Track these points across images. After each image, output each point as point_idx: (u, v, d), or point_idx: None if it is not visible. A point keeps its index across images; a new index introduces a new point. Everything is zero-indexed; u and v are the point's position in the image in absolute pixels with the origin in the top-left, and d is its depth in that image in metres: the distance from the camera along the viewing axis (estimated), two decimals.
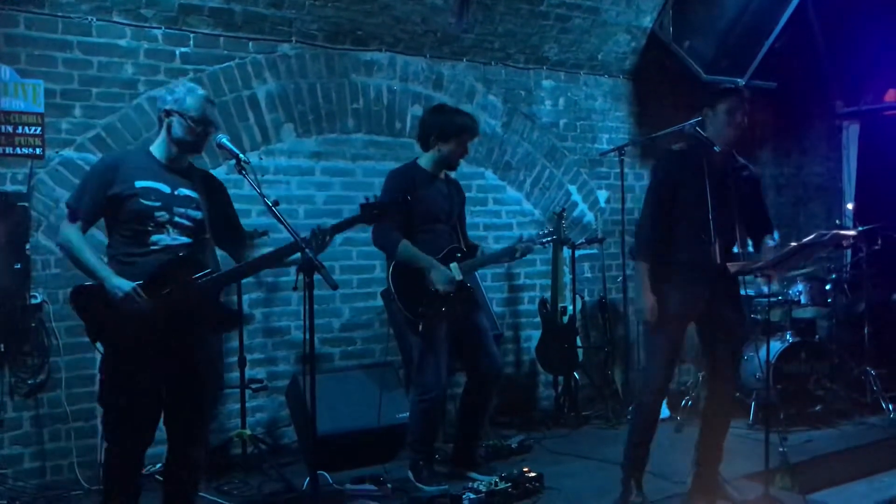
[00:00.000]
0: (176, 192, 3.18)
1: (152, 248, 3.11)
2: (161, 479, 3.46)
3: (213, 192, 3.32)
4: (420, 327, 4.06)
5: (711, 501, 3.81)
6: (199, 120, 3.14)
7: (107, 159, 3.34)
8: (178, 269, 3.09)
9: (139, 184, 3.10)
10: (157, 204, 3.12)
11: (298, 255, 3.07)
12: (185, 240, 3.17)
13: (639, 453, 3.83)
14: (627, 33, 6.13)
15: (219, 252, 3.34)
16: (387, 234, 4.08)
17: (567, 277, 5.73)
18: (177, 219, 3.15)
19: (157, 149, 3.22)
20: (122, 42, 4.51)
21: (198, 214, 3.21)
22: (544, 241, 4.44)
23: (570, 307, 5.63)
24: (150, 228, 3.11)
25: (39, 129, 4.29)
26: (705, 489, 3.82)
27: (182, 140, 3.17)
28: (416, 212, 4.11)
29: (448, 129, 4.15)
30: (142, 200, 3.09)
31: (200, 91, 3.23)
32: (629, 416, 4.29)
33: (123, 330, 3.02)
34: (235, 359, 4.59)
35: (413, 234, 4.11)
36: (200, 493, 4.03)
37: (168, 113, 3.16)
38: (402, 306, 4.07)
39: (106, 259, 3.17)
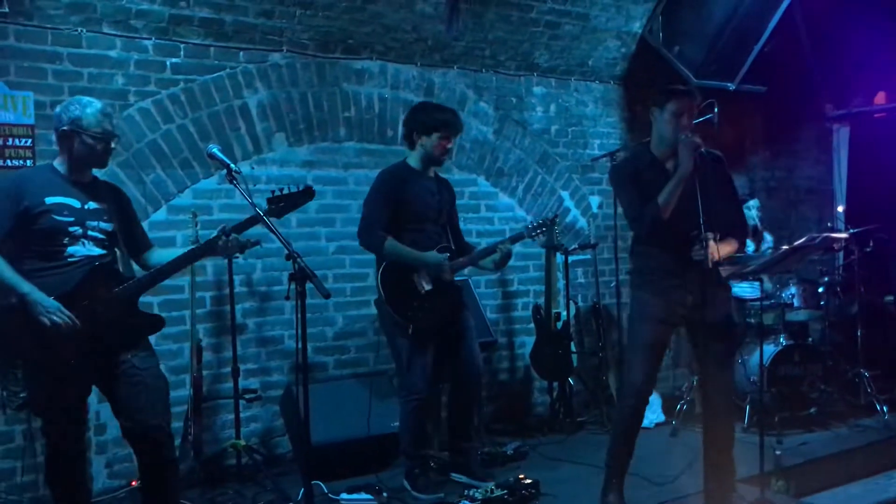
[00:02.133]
0: (86, 206, 3.20)
1: (69, 259, 3.14)
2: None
3: (120, 204, 3.38)
4: (410, 330, 4.06)
5: None
6: (99, 136, 3.16)
7: (11, 176, 3.31)
8: (95, 280, 3.13)
9: (50, 200, 3.12)
10: (70, 219, 3.14)
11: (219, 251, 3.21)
12: (99, 251, 3.21)
13: (621, 457, 3.80)
14: (617, 39, 6.14)
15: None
16: (372, 233, 4.09)
17: (560, 283, 5.74)
18: (90, 232, 3.19)
19: (60, 165, 3.23)
20: (113, 53, 4.51)
21: (109, 226, 3.26)
22: (535, 233, 4.42)
23: (564, 313, 5.63)
24: (64, 242, 3.14)
25: (30, 140, 4.28)
26: (718, 495, 3.75)
27: (86, 157, 3.19)
28: (405, 211, 4.12)
29: (428, 123, 4.18)
30: (54, 217, 3.11)
31: (97, 104, 3.22)
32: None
33: (44, 345, 3.04)
34: (229, 369, 4.58)
35: (401, 233, 4.12)
36: None
37: (66, 133, 3.16)
38: (392, 309, 4.07)
39: None
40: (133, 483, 4.37)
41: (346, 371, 5.18)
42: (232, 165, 3.16)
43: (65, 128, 3.16)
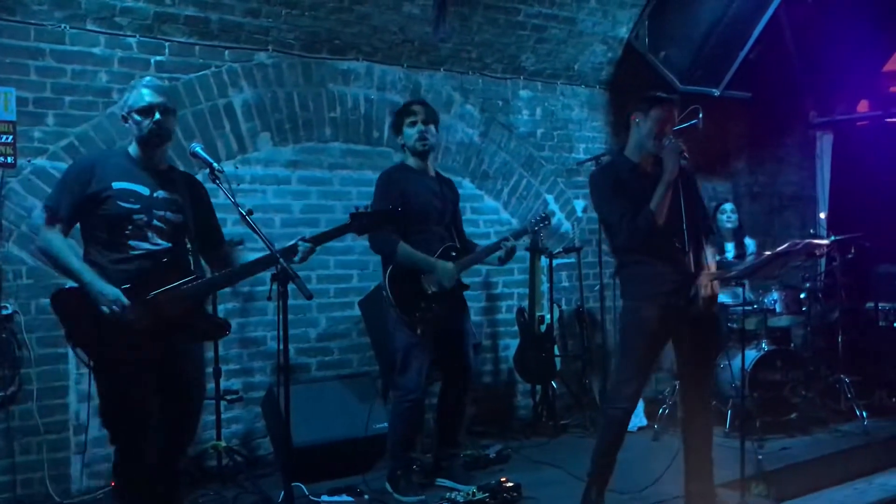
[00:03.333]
0: (155, 195, 3.10)
1: (132, 252, 3.03)
2: None
3: (196, 196, 3.25)
4: (418, 330, 4.04)
5: None
6: (145, 109, 3.07)
7: (84, 159, 3.25)
8: (161, 273, 3.01)
9: (116, 185, 3.03)
10: (136, 206, 3.04)
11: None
12: (165, 244, 3.09)
13: (606, 462, 3.79)
14: (604, 44, 6.16)
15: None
16: (385, 237, 4.07)
17: (544, 286, 5.74)
18: (156, 222, 3.08)
19: (133, 150, 3.16)
20: (96, 50, 4.47)
21: (178, 218, 3.14)
22: (537, 227, 4.49)
23: (548, 316, 5.63)
24: (127, 232, 3.03)
25: (11, 137, 4.24)
26: (699, 500, 3.77)
27: (142, 138, 3.10)
28: (410, 212, 4.09)
29: (395, 118, 4.28)
30: (119, 202, 3.01)
31: (144, 80, 3.17)
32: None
33: (108, 337, 2.93)
34: (210, 370, 4.54)
35: (407, 235, 4.11)
36: None
37: (125, 118, 3.13)
38: (400, 310, 4.06)
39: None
40: (112, 483, 4.32)
41: (329, 372, 5.16)
42: (215, 164, 3.11)
43: (123, 112, 3.13)
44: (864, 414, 5.39)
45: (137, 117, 3.07)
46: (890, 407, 5.73)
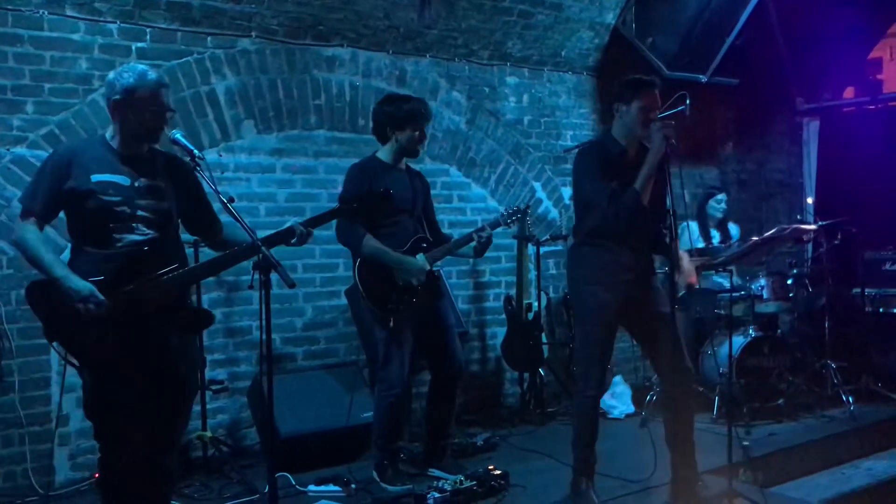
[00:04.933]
0: (136, 184, 2.99)
1: (119, 245, 2.94)
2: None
3: (179, 178, 3.12)
4: (391, 323, 4.01)
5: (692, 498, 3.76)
6: (154, 108, 2.95)
7: (60, 152, 3.07)
8: (140, 264, 2.92)
9: (95, 178, 2.93)
10: (117, 199, 2.94)
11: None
12: (152, 233, 3.00)
13: (588, 451, 3.79)
14: (591, 30, 6.13)
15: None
16: (351, 229, 4.02)
17: (532, 274, 5.73)
18: (140, 212, 2.98)
19: (112, 138, 3.02)
20: (76, 37, 4.40)
21: (163, 205, 3.04)
22: (510, 220, 4.42)
23: (535, 304, 5.62)
24: (112, 225, 2.94)
25: None
26: (684, 486, 3.77)
27: (136, 131, 2.99)
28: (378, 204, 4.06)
29: (400, 116, 4.10)
30: (100, 196, 2.91)
31: (153, 74, 3.00)
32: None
33: (84, 332, 2.86)
34: None
35: (376, 227, 4.07)
36: None
37: (118, 104, 2.96)
38: (371, 303, 4.03)
39: (69, 259, 3.00)
40: (97, 475, 4.29)
41: (315, 362, 5.13)
42: (196, 151, 3.01)
43: (116, 97, 2.94)
44: (851, 399, 5.41)
45: (142, 112, 2.94)
46: (876, 392, 5.75)
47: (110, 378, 2.93)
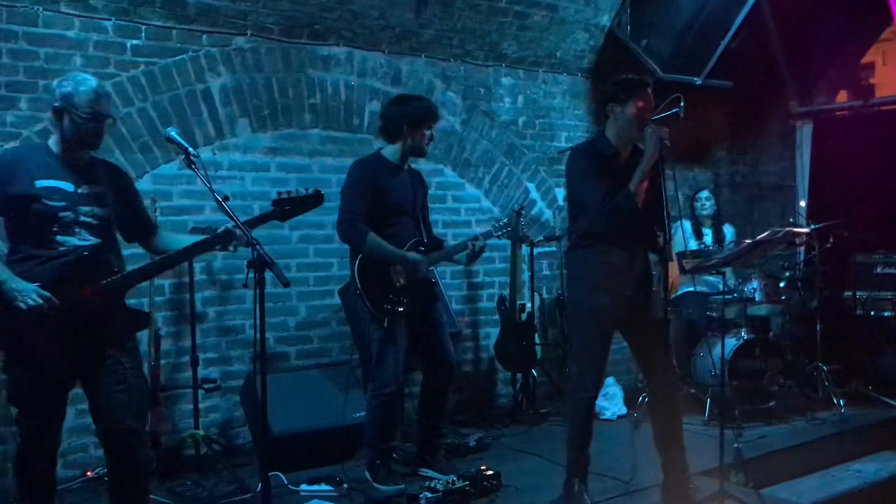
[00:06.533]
0: (79, 191, 3.06)
1: (60, 249, 3.00)
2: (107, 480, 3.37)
3: (119, 186, 3.21)
4: (385, 322, 4.02)
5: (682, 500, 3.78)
6: (89, 116, 3.00)
7: (4, 158, 3.15)
8: (80, 270, 2.99)
9: (40, 183, 2.98)
10: (62, 204, 3.00)
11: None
12: (93, 239, 3.07)
13: (582, 452, 3.79)
14: (586, 31, 6.14)
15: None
16: (354, 226, 4.02)
17: (525, 275, 5.73)
18: (82, 218, 3.05)
19: (55, 145, 3.09)
20: (71, 33, 4.38)
21: (104, 212, 3.11)
22: (499, 233, 4.41)
23: (529, 304, 5.62)
24: (55, 229, 3.00)
25: None
26: (675, 488, 3.78)
27: (75, 137, 3.03)
28: (383, 204, 4.05)
29: (417, 115, 4.09)
30: (45, 201, 2.97)
31: (91, 82, 3.05)
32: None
33: (24, 334, 2.92)
34: (188, 358, 4.49)
35: (379, 226, 4.06)
36: (152, 496, 3.95)
37: (57, 110, 3.02)
38: (368, 302, 4.03)
39: (5, 262, 3.03)
40: (88, 473, 4.28)
41: (308, 361, 5.12)
42: (190, 149, 3.05)
43: (56, 104, 3.01)
44: (842, 402, 5.43)
45: (79, 119, 3.00)
46: (866, 395, 5.78)
47: (35, 378, 2.99)
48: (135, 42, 4.56)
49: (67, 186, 3.03)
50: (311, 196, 3.16)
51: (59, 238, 3.01)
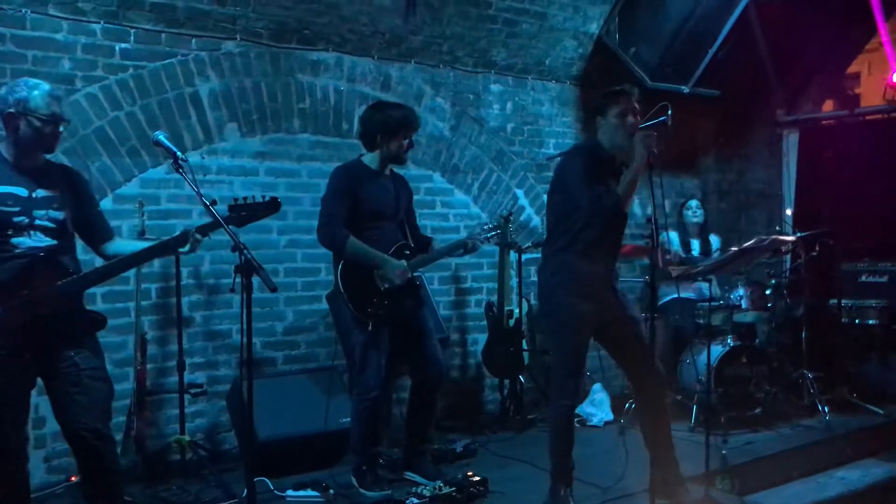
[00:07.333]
0: (34, 195, 3.07)
1: (15, 251, 3.01)
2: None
3: (75, 189, 3.22)
4: (370, 326, 4.01)
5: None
6: (47, 119, 3.02)
7: None
8: (35, 272, 2.99)
9: None
10: (16, 209, 3.01)
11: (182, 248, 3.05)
12: (49, 241, 3.07)
13: (565, 460, 3.80)
14: (574, 39, 6.17)
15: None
16: (333, 231, 4.02)
17: (513, 281, 5.74)
18: (38, 221, 3.05)
19: (6, 150, 3.09)
20: (59, 36, 4.37)
21: (59, 215, 3.11)
22: (489, 235, 4.41)
23: (517, 311, 5.63)
24: (9, 233, 3.01)
25: None
26: (665, 491, 3.79)
27: (32, 141, 3.04)
28: (362, 209, 4.07)
29: (391, 125, 4.10)
30: None
31: (45, 86, 3.07)
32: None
33: None
34: (174, 363, 4.48)
35: (359, 231, 4.07)
36: (136, 501, 3.94)
37: (11, 116, 3.02)
38: (352, 306, 4.02)
39: None
40: (73, 478, 4.24)
41: (295, 366, 5.11)
42: (178, 153, 3.05)
43: (10, 110, 3.00)
44: (826, 409, 5.46)
45: (37, 122, 3.01)
46: (851, 402, 5.81)
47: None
48: (123, 45, 4.55)
49: (21, 192, 3.04)
50: (267, 203, 3.20)
51: (13, 241, 3.02)
